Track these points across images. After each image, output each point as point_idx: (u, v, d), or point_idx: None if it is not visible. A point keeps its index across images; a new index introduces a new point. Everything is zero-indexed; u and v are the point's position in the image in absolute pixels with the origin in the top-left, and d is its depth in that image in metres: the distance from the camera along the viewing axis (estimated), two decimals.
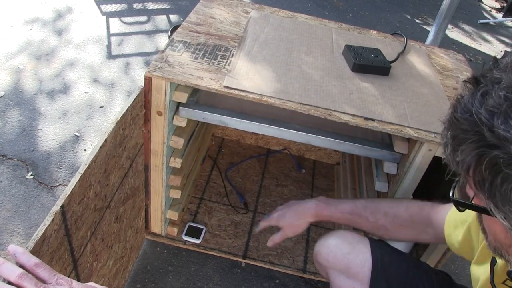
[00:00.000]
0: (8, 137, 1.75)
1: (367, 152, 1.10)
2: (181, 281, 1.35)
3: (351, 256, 0.94)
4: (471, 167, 0.47)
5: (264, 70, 1.09)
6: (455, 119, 0.48)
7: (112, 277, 1.12)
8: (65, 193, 0.75)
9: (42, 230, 0.69)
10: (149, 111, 1.06)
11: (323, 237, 1.01)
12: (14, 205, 1.50)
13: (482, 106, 0.45)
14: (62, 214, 0.74)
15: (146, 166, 1.17)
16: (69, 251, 0.81)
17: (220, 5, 1.39)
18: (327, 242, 0.98)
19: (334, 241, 0.98)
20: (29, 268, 0.58)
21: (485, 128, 0.44)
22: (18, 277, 0.54)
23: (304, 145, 1.80)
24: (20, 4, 2.64)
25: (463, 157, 0.47)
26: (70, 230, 0.79)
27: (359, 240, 0.96)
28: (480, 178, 0.46)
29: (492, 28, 3.86)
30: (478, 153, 0.45)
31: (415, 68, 1.26)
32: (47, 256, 0.72)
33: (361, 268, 0.92)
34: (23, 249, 0.59)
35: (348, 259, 0.94)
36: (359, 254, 0.93)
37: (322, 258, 0.98)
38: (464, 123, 0.47)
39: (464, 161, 0.47)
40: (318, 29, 1.36)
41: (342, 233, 1.00)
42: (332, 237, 0.99)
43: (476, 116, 0.45)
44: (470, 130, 0.46)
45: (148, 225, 1.34)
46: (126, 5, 2.89)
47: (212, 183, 1.64)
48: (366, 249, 0.94)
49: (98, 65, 2.27)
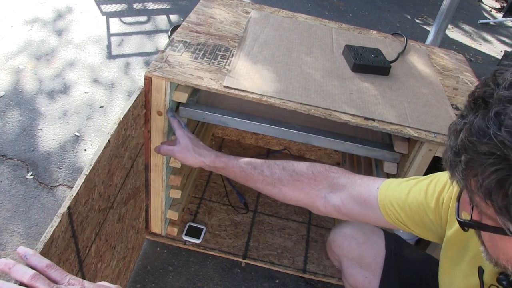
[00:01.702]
0: (8, 137, 1.75)
1: (367, 152, 1.10)
2: (181, 281, 1.35)
3: (365, 246, 0.95)
4: (493, 191, 0.45)
5: (264, 70, 1.09)
6: (469, 143, 0.46)
7: (115, 277, 1.12)
8: (71, 194, 0.75)
9: (50, 231, 0.69)
10: (149, 111, 1.06)
11: (338, 226, 1.02)
12: (14, 205, 1.50)
13: (500, 128, 0.44)
14: (69, 216, 0.74)
15: (146, 166, 1.17)
16: (75, 252, 0.81)
17: (220, 5, 1.39)
18: (343, 231, 0.99)
19: (350, 230, 0.98)
20: (40, 269, 0.58)
21: (510, 151, 0.43)
22: (31, 278, 0.55)
23: (304, 145, 1.80)
24: (20, 4, 2.64)
25: (483, 181, 0.45)
26: (76, 232, 0.79)
27: (374, 231, 0.97)
28: (504, 202, 0.45)
29: (492, 28, 3.86)
30: (502, 176, 0.44)
31: (415, 68, 1.26)
32: (55, 257, 0.72)
33: (374, 259, 0.93)
34: (34, 251, 0.59)
35: (362, 249, 0.95)
36: (373, 244, 0.95)
37: (336, 246, 0.99)
38: (483, 147, 0.45)
39: (485, 185, 0.45)
40: (318, 29, 1.36)
41: (358, 223, 1.00)
42: (347, 227, 1.00)
43: (496, 139, 0.43)
44: (490, 154, 0.44)
45: (148, 225, 1.34)
46: (126, 5, 2.89)
47: (212, 183, 1.64)
48: (380, 240, 0.95)
49: (98, 65, 2.27)
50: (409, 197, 0.76)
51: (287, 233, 1.50)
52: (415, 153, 1.02)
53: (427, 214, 0.75)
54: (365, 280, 0.94)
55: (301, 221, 1.55)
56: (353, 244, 0.96)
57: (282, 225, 1.52)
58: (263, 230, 1.49)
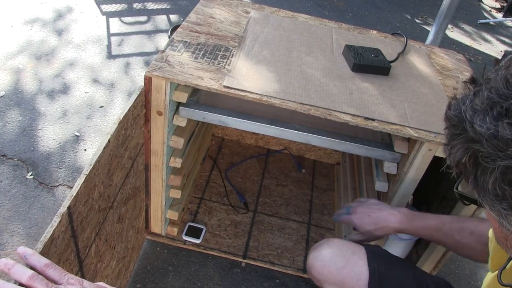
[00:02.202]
0: (8, 137, 1.75)
1: (367, 152, 1.10)
2: (181, 281, 1.35)
3: (346, 271, 0.90)
4: (460, 161, 0.50)
5: (264, 70, 1.09)
6: (447, 116, 0.52)
7: (115, 277, 1.12)
8: (71, 194, 0.75)
9: (50, 231, 0.69)
10: (149, 111, 1.06)
11: (316, 249, 0.97)
12: (14, 205, 1.50)
13: (470, 104, 0.49)
14: (69, 215, 0.74)
15: (146, 166, 1.17)
16: (75, 252, 0.81)
17: (220, 5, 1.39)
18: (321, 255, 0.94)
19: (328, 254, 0.93)
20: (39, 269, 0.58)
21: (468, 125, 0.48)
22: (29, 278, 0.55)
23: (304, 145, 1.80)
24: (20, 4, 2.64)
25: (454, 151, 0.50)
26: (76, 231, 0.79)
27: (354, 251, 0.92)
28: (466, 172, 0.49)
29: (492, 28, 3.86)
30: (465, 148, 0.49)
31: (415, 68, 1.26)
32: (55, 257, 0.72)
33: (356, 282, 0.89)
34: (33, 251, 0.59)
35: (342, 274, 0.90)
36: (354, 267, 0.90)
37: (316, 272, 0.94)
38: (454, 119, 0.50)
39: (454, 155, 0.50)
40: (318, 29, 1.36)
41: (336, 244, 0.95)
42: (325, 249, 0.94)
43: (464, 114, 0.49)
44: (459, 126, 0.50)
45: (148, 225, 1.35)
46: (126, 5, 2.89)
47: (212, 183, 1.64)
48: (362, 262, 0.90)
49: (98, 65, 2.27)
50: None
51: (287, 233, 1.50)
52: (415, 153, 1.02)
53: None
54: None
55: (301, 221, 1.55)
56: (332, 270, 0.91)
57: (282, 225, 1.52)
58: (263, 230, 1.49)
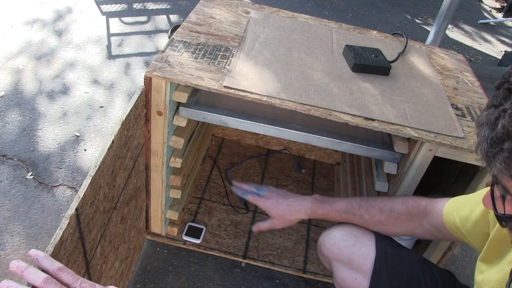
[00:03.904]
0: (8, 137, 1.75)
1: (367, 152, 1.10)
2: (181, 281, 1.35)
3: (354, 248, 0.95)
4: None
5: (264, 70, 1.09)
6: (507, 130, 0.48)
7: (118, 278, 1.12)
8: (78, 196, 0.75)
9: (60, 233, 0.68)
10: (149, 111, 1.06)
11: (328, 229, 1.02)
12: (14, 205, 1.50)
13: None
14: (77, 217, 0.74)
15: (146, 166, 1.17)
16: (82, 254, 0.81)
17: (220, 5, 1.39)
18: (332, 234, 1.00)
19: (339, 233, 0.98)
20: (52, 272, 0.57)
21: None
22: (43, 281, 0.54)
23: (304, 145, 1.80)
24: (20, 4, 2.64)
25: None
26: (83, 233, 0.79)
27: (363, 233, 0.97)
28: None
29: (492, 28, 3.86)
30: None
31: (415, 68, 1.26)
32: (64, 259, 0.72)
33: (363, 260, 0.93)
34: (45, 254, 0.59)
35: (351, 251, 0.95)
36: (362, 246, 0.95)
37: (326, 249, 0.99)
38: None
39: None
40: (318, 29, 1.36)
41: (347, 226, 1.00)
42: (336, 229, 1.00)
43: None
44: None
45: (149, 225, 1.35)
46: (126, 5, 2.89)
47: (212, 183, 1.64)
48: (370, 242, 0.95)
49: (98, 65, 2.27)
50: (470, 218, 0.82)
51: (287, 233, 1.50)
52: (415, 153, 1.02)
53: (481, 228, 0.79)
54: (355, 282, 0.93)
55: (301, 221, 1.55)
56: (342, 247, 0.96)
57: None
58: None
